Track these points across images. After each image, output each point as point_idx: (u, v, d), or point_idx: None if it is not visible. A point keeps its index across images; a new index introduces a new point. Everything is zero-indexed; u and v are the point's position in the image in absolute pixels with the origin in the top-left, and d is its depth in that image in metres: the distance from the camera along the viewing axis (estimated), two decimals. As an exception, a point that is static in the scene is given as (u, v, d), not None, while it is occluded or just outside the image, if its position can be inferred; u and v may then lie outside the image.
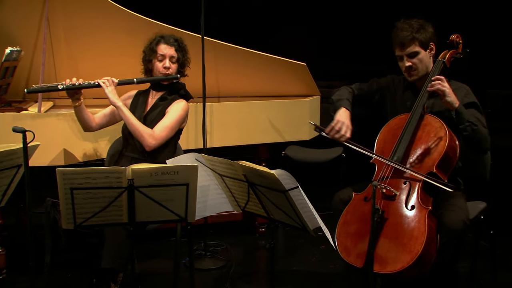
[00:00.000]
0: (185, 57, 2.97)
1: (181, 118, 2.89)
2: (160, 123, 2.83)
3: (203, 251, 3.51)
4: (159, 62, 2.90)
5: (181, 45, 2.95)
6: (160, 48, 2.90)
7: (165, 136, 2.82)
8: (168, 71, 2.90)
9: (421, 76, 2.63)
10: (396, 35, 2.61)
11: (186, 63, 2.99)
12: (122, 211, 2.16)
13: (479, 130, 2.45)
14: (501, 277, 3.13)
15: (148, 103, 2.97)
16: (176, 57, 2.91)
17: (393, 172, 2.51)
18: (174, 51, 2.90)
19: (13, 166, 2.19)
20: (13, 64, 3.25)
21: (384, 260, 2.32)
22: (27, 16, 3.31)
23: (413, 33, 2.57)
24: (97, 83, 2.77)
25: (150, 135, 2.77)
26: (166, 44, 2.90)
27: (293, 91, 4.00)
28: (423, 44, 2.59)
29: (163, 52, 2.89)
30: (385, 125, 2.70)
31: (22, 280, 3.03)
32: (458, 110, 2.45)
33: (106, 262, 2.52)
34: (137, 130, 2.76)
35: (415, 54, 2.59)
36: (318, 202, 2.41)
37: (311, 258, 3.51)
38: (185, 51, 2.97)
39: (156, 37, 2.94)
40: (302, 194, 2.09)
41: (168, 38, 2.92)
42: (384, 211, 2.41)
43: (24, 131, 2.16)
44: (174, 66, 2.92)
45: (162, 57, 2.89)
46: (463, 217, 2.37)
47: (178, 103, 2.93)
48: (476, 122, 2.46)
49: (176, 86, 2.98)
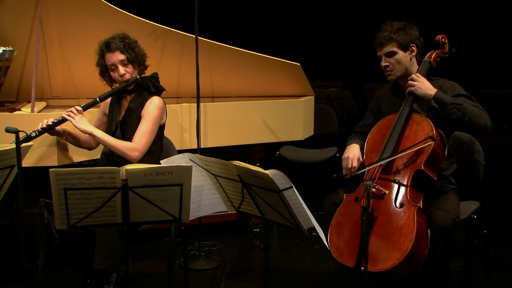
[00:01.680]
0: (135, 53, 2.80)
1: (157, 119, 2.81)
2: (138, 132, 2.75)
3: (197, 251, 3.51)
4: (113, 72, 2.79)
5: (126, 43, 2.78)
6: (107, 59, 2.77)
7: (146, 142, 2.75)
8: (125, 77, 2.78)
9: (399, 76, 2.67)
10: (376, 35, 2.67)
11: (139, 58, 2.83)
12: (116, 211, 2.15)
13: (466, 108, 2.45)
14: (494, 276, 3.15)
15: (123, 106, 2.89)
16: (125, 59, 2.77)
17: (382, 171, 2.53)
18: (120, 54, 2.75)
19: (6, 167, 2.18)
20: (5, 64, 3.24)
21: (375, 259, 2.33)
22: (20, 16, 3.29)
23: (391, 33, 2.61)
24: (63, 117, 2.68)
25: (131, 148, 2.71)
26: (110, 52, 2.75)
27: (287, 91, 4.00)
28: (402, 45, 2.62)
29: (111, 62, 2.76)
30: (374, 126, 2.73)
31: (15, 281, 3.02)
32: (436, 96, 2.49)
33: (98, 263, 2.52)
34: (116, 148, 2.70)
35: (392, 54, 2.63)
36: (311, 202, 2.41)
37: (305, 258, 3.51)
38: (133, 46, 2.80)
39: (101, 48, 2.80)
40: (296, 194, 2.10)
41: (109, 44, 2.77)
42: (373, 210, 2.42)
43: (17, 132, 2.15)
44: (129, 68, 2.79)
45: (113, 66, 2.78)
46: (452, 214, 2.39)
47: (151, 102, 2.82)
48: (460, 101, 2.46)
49: (144, 84, 2.87)
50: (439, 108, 2.50)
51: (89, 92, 3.76)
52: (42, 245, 2.74)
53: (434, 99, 2.50)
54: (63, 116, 2.68)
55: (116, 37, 2.79)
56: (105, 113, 2.96)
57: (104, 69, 2.83)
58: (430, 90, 2.51)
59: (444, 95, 2.50)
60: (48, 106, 3.64)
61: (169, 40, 3.56)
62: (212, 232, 3.89)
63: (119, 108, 2.89)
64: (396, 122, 2.59)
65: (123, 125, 2.84)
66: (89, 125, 2.71)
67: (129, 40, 2.81)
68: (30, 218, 2.53)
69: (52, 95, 3.73)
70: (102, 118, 2.98)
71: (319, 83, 6.40)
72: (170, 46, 3.59)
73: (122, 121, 2.85)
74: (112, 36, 2.81)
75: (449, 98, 2.49)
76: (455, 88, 2.60)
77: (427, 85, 2.54)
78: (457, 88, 2.61)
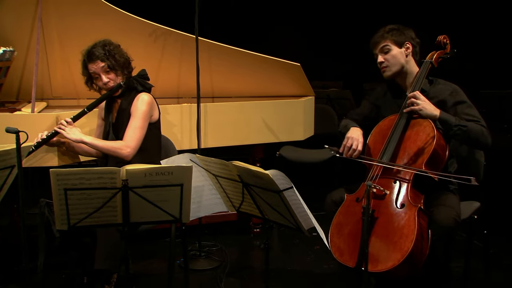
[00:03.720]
0: (116, 60, 2.79)
1: (146, 113, 2.81)
2: (128, 129, 2.77)
3: (198, 252, 3.51)
4: (97, 81, 2.82)
5: (107, 51, 2.77)
6: (90, 68, 2.79)
7: (137, 138, 2.76)
8: (109, 84, 2.79)
9: (394, 72, 2.68)
10: (372, 38, 2.72)
11: (120, 64, 2.81)
12: (116, 211, 2.15)
13: (470, 129, 2.47)
14: (494, 276, 3.15)
15: (114, 108, 2.92)
16: (106, 66, 2.77)
17: (383, 171, 2.53)
18: (101, 62, 2.76)
19: (6, 167, 2.18)
20: (6, 65, 3.24)
21: (376, 259, 2.33)
22: (20, 16, 3.29)
23: (385, 33, 2.68)
24: (55, 130, 2.71)
25: (121, 146, 2.72)
26: (90, 62, 2.77)
27: (287, 92, 4.00)
28: (396, 42, 2.66)
29: (93, 70, 2.78)
30: (375, 126, 2.72)
31: (15, 281, 3.02)
32: (441, 118, 2.51)
33: (99, 263, 2.51)
34: (107, 150, 2.73)
35: (387, 50, 2.66)
36: (312, 202, 2.41)
37: (306, 258, 3.51)
38: (113, 53, 2.79)
39: (83, 58, 2.81)
40: (296, 194, 2.10)
41: (89, 53, 2.77)
42: (374, 210, 2.42)
43: (18, 132, 2.15)
44: (111, 75, 2.79)
45: (96, 75, 2.79)
46: (453, 214, 2.39)
47: (138, 99, 2.83)
48: (464, 123, 2.48)
49: (131, 85, 2.87)
50: (443, 129, 2.50)
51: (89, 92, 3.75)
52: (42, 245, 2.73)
53: (439, 121, 2.50)
54: (55, 129, 2.73)
55: (98, 44, 2.80)
56: (102, 117, 3.00)
57: (89, 78, 2.85)
58: (434, 110, 2.51)
59: (448, 116, 2.50)
60: (49, 107, 3.63)
61: (169, 40, 3.56)
62: (212, 232, 3.89)
63: (111, 109, 2.92)
64: (397, 122, 2.59)
65: (115, 126, 2.87)
66: (79, 134, 2.74)
67: (109, 46, 2.80)
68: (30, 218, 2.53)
69: (53, 95, 3.73)
70: (100, 123, 3.01)
71: (319, 83, 6.40)
72: (170, 46, 3.59)
73: (114, 123, 2.88)
74: (93, 44, 2.82)
75: (453, 119, 2.49)
76: (457, 93, 2.60)
77: (430, 105, 2.53)
78: (459, 93, 2.61)
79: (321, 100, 5.48)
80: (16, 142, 2.13)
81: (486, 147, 2.53)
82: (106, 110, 2.96)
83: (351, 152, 2.60)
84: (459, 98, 2.59)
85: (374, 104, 2.86)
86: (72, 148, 2.90)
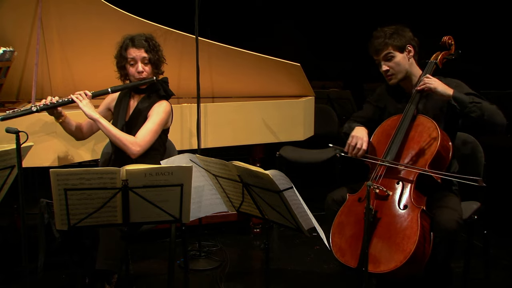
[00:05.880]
0: (158, 56, 2.84)
1: (163, 121, 2.82)
2: (142, 128, 2.76)
3: (198, 252, 3.51)
4: (131, 67, 2.79)
5: (152, 44, 2.81)
6: (130, 52, 2.77)
7: (149, 140, 2.75)
8: (142, 75, 2.79)
9: (400, 78, 2.66)
10: (371, 43, 2.67)
11: (160, 61, 2.86)
12: (117, 212, 2.15)
13: (485, 106, 2.44)
14: (494, 276, 3.15)
15: (130, 107, 2.89)
16: (147, 58, 2.78)
17: (386, 171, 2.52)
18: (144, 52, 2.77)
19: (6, 167, 2.18)
20: (6, 65, 3.24)
21: (378, 260, 2.33)
22: (20, 16, 3.30)
23: (385, 39, 2.62)
24: (71, 99, 2.69)
25: (133, 142, 2.70)
26: (134, 47, 2.76)
27: (287, 92, 4.00)
28: (398, 48, 2.62)
29: (133, 56, 2.76)
30: (378, 126, 2.71)
31: (16, 282, 3.02)
32: (455, 96, 2.46)
33: (100, 263, 2.51)
34: (118, 139, 2.69)
35: (391, 58, 2.63)
36: (312, 202, 2.41)
37: (306, 258, 3.51)
38: (157, 49, 2.84)
39: (125, 41, 2.81)
40: (296, 195, 2.10)
41: (136, 39, 2.78)
42: (377, 211, 2.41)
43: (17, 132, 2.15)
44: (147, 68, 2.80)
45: (133, 61, 2.78)
46: (456, 216, 2.39)
47: (159, 105, 2.84)
48: (479, 100, 2.45)
49: (155, 87, 2.88)
50: (458, 108, 2.46)
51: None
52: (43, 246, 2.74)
53: (453, 99, 2.46)
54: (71, 97, 2.69)
55: (143, 35, 2.81)
56: (110, 108, 2.95)
57: (123, 63, 2.83)
58: (448, 89, 2.48)
59: (462, 95, 2.47)
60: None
61: (170, 40, 3.56)
62: (212, 233, 3.89)
63: (126, 106, 2.88)
64: (401, 123, 2.58)
65: (129, 125, 2.84)
66: (94, 111, 2.73)
67: (154, 42, 2.84)
68: (31, 218, 2.53)
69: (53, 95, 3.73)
70: (105, 112, 2.96)
71: (319, 83, 6.40)
72: (171, 46, 3.58)
73: (128, 121, 2.85)
74: (139, 33, 2.82)
75: (467, 97, 2.46)
76: (462, 87, 2.60)
77: (443, 85, 2.51)
78: (463, 86, 2.60)
79: (321, 100, 5.48)
80: (16, 142, 2.13)
81: (502, 126, 2.45)
82: (118, 102, 2.92)
83: (356, 151, 2.59)
84: (465, 90, 2.57)
85: (377, 106, 2.86)
86: (66, 124, 2.83)
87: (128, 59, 2.79)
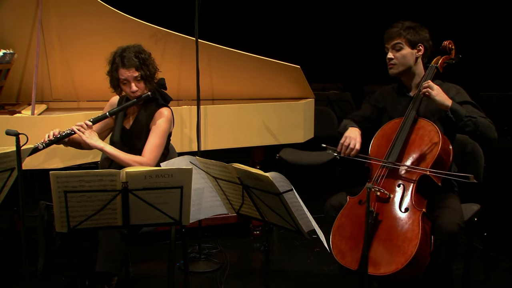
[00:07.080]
0: (149, 70, 2.78)
1: (166, 131, 2.83)
2: (147, 145, 2.76)
3: (198, 254, 3.51)
4: (124, 86, 2.76)
5: (142, 59, 2.74)
6: (121, 73, 2.72)
7: (156, 156, 2.76)
8: (137, 93, 2.76)
9: (400, 71, 2.68)
10: (387, 31, 2.70)
11: (152, 74, 2.81)
12: (116, 214, 2.15)
13: (479, 122, 2.47)
14: (494, 278, 3.14)
15: (131, 114, 2.89)
16: (139, 75, 2.73)
17: (387, 174, 2.52)
18: (135, 71, 2.72)
19: (6, 169, 2.18)
20: (6, 67, 3.24)
21: (378, 262, 2.33)
22: (20, 18, 3.30)
23: (401, 30, 2.65)
24: (73, 131, 2.68)
25: (141, 161, 2.71)
26: (124, 68, 2.70)
27: (287, 94, 4.00)
28: (410, 42, 2.64)
29: (125, 77, 2.72)
30: (379, 129, 2.72)
31: (16, 284, 3.01)
32: (453, 108, 2.48)
33: (100, 265, 2.51)
34: (126, 163, 2.69)
35: (399, 48, 2.65)
36: (312, 204, 2.41)
37: (306, 261, 3.51)
38: (148, 63, 2.77)
39: (115, 59, 2.74)
40: (296, 197, 2.10)
41: (126, 59, 2.70)
42: (378, 214, 2.41)
43: (17, 134, 2.15)
44: (141, 84, 2.76)
45: (125, 81, 2.74)
46: (457, 219, 2.39)
47: (160, 115, 2.82)
48: (474, 115, 2.48)
49: (153, 96, 2.85)
50: (454, 119, 2.49)
51: (89, 94, 3.77)
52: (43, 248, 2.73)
53: (450, 110, 2.49)
54: (73, 129, 2.68)
55: (132, 50, 2.74)
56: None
57: (116, 82, 2.79)
58: (447, 100, 2.50)
59: (459, 107, 2.50)
60: (49, 109, 3.64)
61: (170, 42, 3.56)
62: (212, 235, 3.88)
63: (126, 115, 2.89)
64: (402, 126, 2.58)
65: (131, 136, 2.84)
66: (99, 140, 2.72)
67: (144, 55, 2.77)
68: (31, 220, 2.52)
69: (53, 97, 3.74)
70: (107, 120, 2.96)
71: (319, 85, 6.40)
72: (171, 48, 3.60)
73: (129, 131, 2.86)
74: (127, 48, 2.75)
75: (463, 110, 2.49)
76: (462, 94, 2.61)
77: (444, 94, 2.52)
78: (463, 94, 2.62)
79: (321, 102, 5.48)
80: (16, 145, 2.13)
81: (493, 140, 2.52)
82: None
83: (349, 151, 2.60)
84: (464, 98, 2.59)
85: (375, 106, 2.86)
86: (73, 144, 2.84)
87: (121, 79, 2.75)
